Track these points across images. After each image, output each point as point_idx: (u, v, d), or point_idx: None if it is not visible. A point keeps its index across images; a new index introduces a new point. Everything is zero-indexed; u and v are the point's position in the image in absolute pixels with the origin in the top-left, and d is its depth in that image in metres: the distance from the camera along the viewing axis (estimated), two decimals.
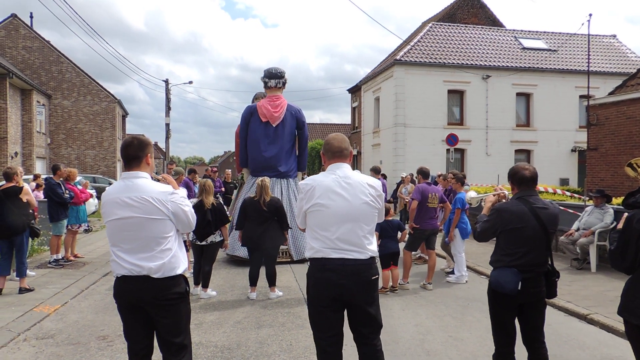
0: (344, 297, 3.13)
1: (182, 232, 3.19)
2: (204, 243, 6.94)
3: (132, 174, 3.08)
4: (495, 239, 3.75)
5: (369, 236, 3.18)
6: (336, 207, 3.11)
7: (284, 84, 10.31)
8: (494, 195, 4.12)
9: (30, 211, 7.41)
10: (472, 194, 4.81)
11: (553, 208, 3.68)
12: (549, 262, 3.68)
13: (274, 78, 10.18)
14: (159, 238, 3.01)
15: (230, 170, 17.57)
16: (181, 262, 3.11)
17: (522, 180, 3.65)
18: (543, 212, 3.57)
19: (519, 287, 3.46)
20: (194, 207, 3.57)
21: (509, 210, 3.58)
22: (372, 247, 3.19)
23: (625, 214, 3.20)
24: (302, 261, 9.99)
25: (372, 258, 3.19)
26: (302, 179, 12.03)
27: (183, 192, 3.20)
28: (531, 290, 3.54)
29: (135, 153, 3.09)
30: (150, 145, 3.18)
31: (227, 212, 7.57)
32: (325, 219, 3.13)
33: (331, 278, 3.09)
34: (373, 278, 3.17)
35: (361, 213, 3.14)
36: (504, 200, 4.11)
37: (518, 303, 3.58)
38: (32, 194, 7.63)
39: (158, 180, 3.31)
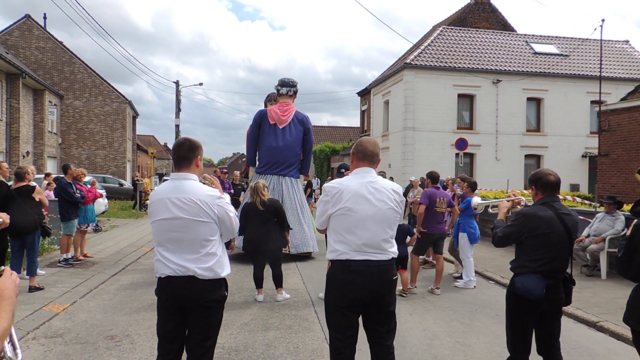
0: (366, 298, 3.20)
1: (225, 237, 3.20)
2: None
3: (182, 175, 3.11)
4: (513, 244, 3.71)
5: (390, 239, 3.28)
6: (364, 212, 3.18)
7: (295, 92, 11.02)
8: (508, 200, 4.09)
9: (41, 210, 7.48)
10: (477, 199, 4.81)
11: (575, 215, 3.67)
12: (568, 269, 3.65)
13: (285, 86, 10.92)
14: (203, 240, 3.03)
15: (238, 172, 17.60)
16: (225, 266, 3.14)
17: (547, 185, 3.62)
18: (568, 218, 3.55)
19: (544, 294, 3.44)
20: None
21: (536, 215, 3.52)
22: (393, 249, 3.30)
23: (635, 221, 3.18)
24: (303, 257, 10.37)
25: (393, 259, 3.30)
26: (304, 182, 12.28)
27: (227, 198, 3.23)
28: (553, 297, 3.51)
29: (185, 154, 3.13)
30: (200, 147, 3.20)
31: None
32: (353, 223, 3.19)
33: (356, 279, 3.17)
34: (394, 278, 3.30)
35: (386, 218, 3.23)
36: (519, 207, 4.08)
37: (540, 310, 3.54)
38: (44, 194, 7.70)
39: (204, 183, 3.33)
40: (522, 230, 3.54)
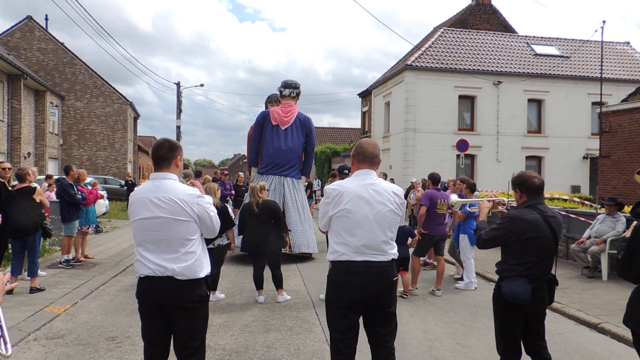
0: (366, 299, 3.21)
1: (206, 236, 3.22)
2: (210, 246, 6.95)
3: (161, 174, 3.12)
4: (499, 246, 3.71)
5: (390, 241, 3.30)
6: (364, 214, 3.20)
7: (297, 94, 11.05)
8: (489, 201, 4.08)
9: (42, 211, 7.48)
10: (455, 197, 4.84)
11: (559, 216, 3.67)
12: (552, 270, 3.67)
13: (288, 88, 10.94)
14: (183, 240, 3.04)
15: (242, 173, 17.62)
16: (204, 266, 3.14)
17: (532, 188, 3.62)
18: (553, 221, 3.55)
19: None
20: None
21: (524, 219, 3.50)
22: (393, 250, 3.31)
23: (634, 223, 3.19)
24: (304, 259, 10.37)
25: (393, 260, 3.31)
26: (305, 183, 12.27)
27: (209, 198, 3.24)
28: (538, 300, 3.53)
29: (165, 154, 3.14)
30: (179, 148, 3.23)
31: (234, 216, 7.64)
32: (353, 225, 3.21)
33: (355, 280, 3.19)
34: (394, 279, 3.31)
35: (386, 220, 3.25)
36: (500, 207, 4.08)
37: (526, 312, 3.56)
38: (44, 195, 7.71)
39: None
40: (509, 234, 3.53)
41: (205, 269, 3.14)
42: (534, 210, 3.55)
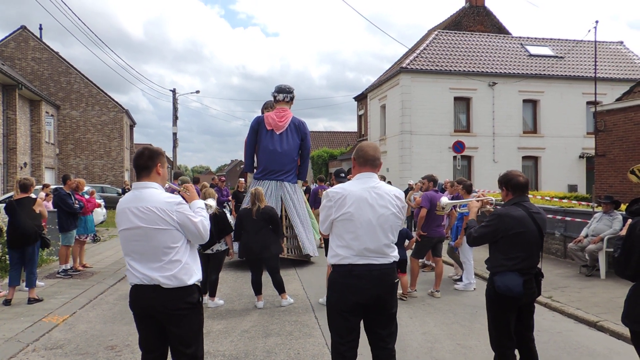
0: (368, 301, 3.23)
1: (194, 243, 3.18)
2: (209, 252, 6.96)
3: (142, 184, 3.11)
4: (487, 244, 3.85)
5: (392, 244, 3.32)
6: (367, 217, 3.21)
7: (291, 98, 11.10)
8: (477, 200, 4.21)
9: (41, 222, 7.47)
10: (445, 199, 4.97)
11: (543, 213, 3.85)
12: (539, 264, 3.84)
13: (282, 92, 11.00)
14: (165, 248, 3.01)
15: (243, 180, 17.59)
16: (193, 273, 3.11)
17: (518, 186, 3.79)
18: (538, 217, 3.73)
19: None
20: None
21: (511, 216, 3.67)
22: (394, 253, 3.34)
23: (629, 221, 3.23)
24: (303, 263, 10.36)
25: (395, 262, 3.34)
26: (303, 187, 12.28)
27: (200, 203, 3.22)
28: (529, 292, 3.67)
29: (145, 163, 3.12)
30: (161, 155, 3.20)
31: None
32: (355, 228, 3.22)
33: (358, 284, 3.21)
34: (395, 281, 3.33)
35: (388, 223, 3.27)
36: (488, 206, 4.22)
37: (518, 305, 3.70)
38: (44, 205, 7.70)
39: (179, 192, 3.34)
40: (497, 231, 3.69)
41: (194, 276, 3.11)
42: (519, 207, 3.73)
